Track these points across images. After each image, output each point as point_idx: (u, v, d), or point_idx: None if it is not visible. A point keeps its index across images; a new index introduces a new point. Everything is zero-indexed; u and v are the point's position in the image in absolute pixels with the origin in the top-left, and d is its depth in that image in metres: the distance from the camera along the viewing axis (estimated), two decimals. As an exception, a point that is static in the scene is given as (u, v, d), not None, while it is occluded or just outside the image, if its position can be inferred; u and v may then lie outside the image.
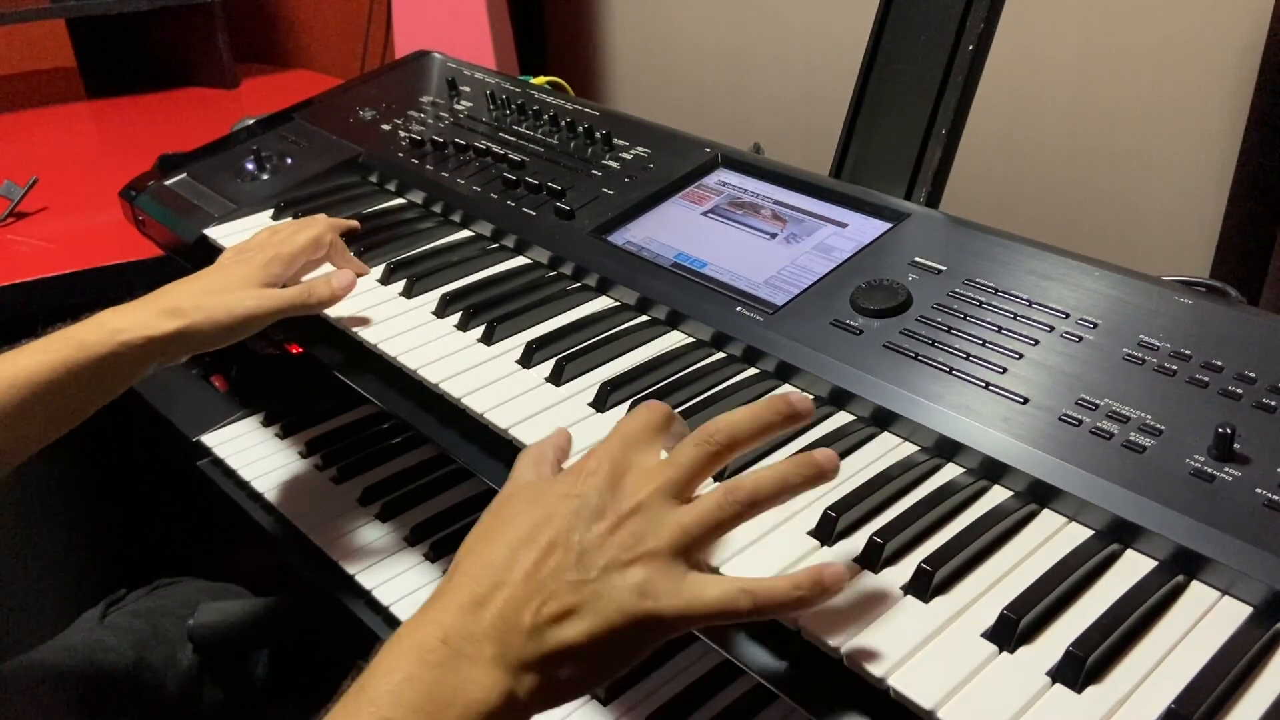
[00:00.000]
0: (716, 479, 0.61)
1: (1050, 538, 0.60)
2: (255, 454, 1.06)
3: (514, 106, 1.14)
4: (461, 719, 0.48)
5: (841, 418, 0.71)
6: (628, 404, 0.72)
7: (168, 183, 1.16)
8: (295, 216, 1.03)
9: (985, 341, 0.71)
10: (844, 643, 0.53)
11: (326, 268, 0.92)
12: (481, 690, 0.48)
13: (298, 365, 1.13)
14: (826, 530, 0.60)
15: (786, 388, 0.74)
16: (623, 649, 0.51)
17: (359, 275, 0.91)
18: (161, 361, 0.79)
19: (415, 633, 0.50)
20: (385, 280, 0.91)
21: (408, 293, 0.89)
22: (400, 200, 1.07)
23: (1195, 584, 0.56)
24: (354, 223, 0.97)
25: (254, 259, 0.84)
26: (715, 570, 0.57)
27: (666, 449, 0.56)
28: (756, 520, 0.61)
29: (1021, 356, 0.69)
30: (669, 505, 0.52)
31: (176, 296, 0.79)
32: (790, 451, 0.67)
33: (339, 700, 0.49)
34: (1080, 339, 0.70)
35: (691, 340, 0.81)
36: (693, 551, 0.52)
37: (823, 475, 0.54)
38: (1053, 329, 0.71)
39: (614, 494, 0.53)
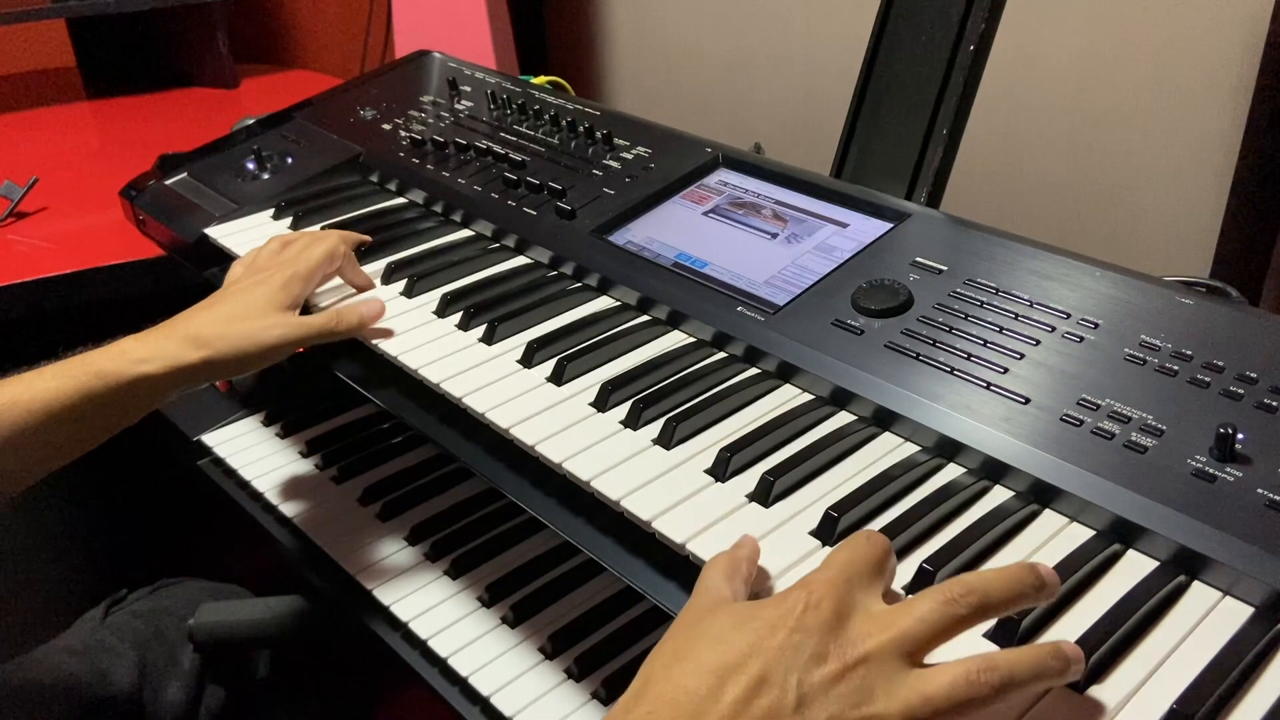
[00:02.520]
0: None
1: (1051, 538, 0.60)
2: (255, 454, 1.06)
3: (514, 106, 1.14)
4: None
5: (842, 417, 0.71)
6: (628, 403, 0.71)
7: (168, 182, 1.16)
8: (296, 216, 1.03)
9: (986, 341, 0.71)
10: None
11: (336, 281, 0.91)
12: None
13: (298, 365, 1.13)
14: (828, 530, 0.60)
15: (789, 389, 0.74)
16: None
17: (366, 289, 0.90)
18: (183, 389, 0.78)
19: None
20: (386, 280, 0.91)
21: (408, 292, 0.89)
22: (401, 200, 1.07)
23: (1197, 584, 0.56)
24: (365, 237, 0.96)
25: (272, 280, 0.82)
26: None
27: (884, 590, 0.51)
28: (760, 520, 0.61)
29: (1023, 356, 0.69)
30: (903, 665, 0.46)
31: (199, 325, 0.78)
32: (787, 453, 0.67)
33: None
34: (1081, 339, 0.70)
35: (692, 340, 0.81)
36: None
37: (1070, 669, 0.47)
38: (1054, 329, 0.71)
39: (838, 636, 0.46)
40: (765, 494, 0.63)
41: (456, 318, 0.84)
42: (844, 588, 0.48)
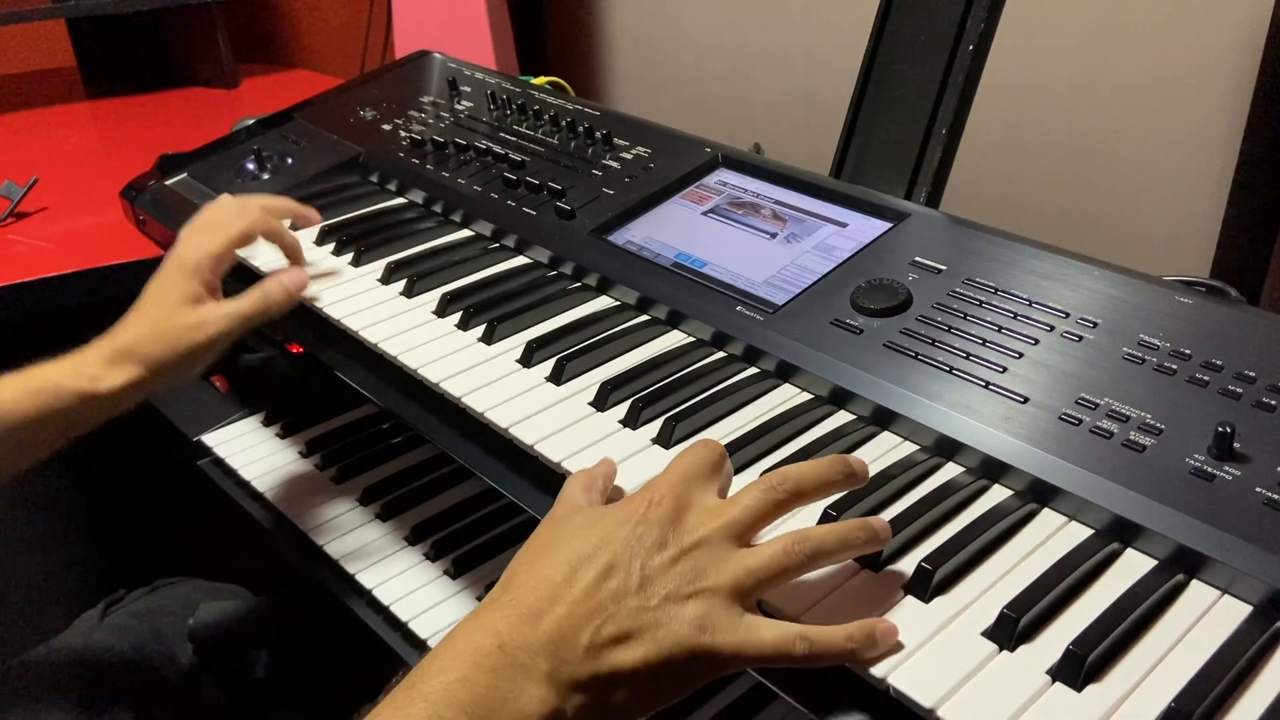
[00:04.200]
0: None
1: (1050, 537, 0.60)
2: (255, 454, 1.06)
3: (514, 106, 1.15)
4: None
5: (841, 417, 0.71)
6: (628, 403, 0.72)
7: (168, 183, 1.16)
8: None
9: (985, 341, 0.71)
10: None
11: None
12: (532, 704, 0.48)
13: (298, 365, 1.13)
14: (827, 529, 0.60)
15: (789, 388, 0.74)
16: (674, 680, 0.51)
17: (307, 226, 0.93)
18: (141, 398, 0.80)
19: (471, 637, 0.50)
20: (386, 280, 0.92)
21: (408, 292, 0.89)
22: (400, 200, 1.07)
23: (1195, 583, 0.56)
24: (309, 211, 0.96)
25: (185, 265, 0.82)
26: (772, 615, 0.55)
27: (719, 488, 0.57)
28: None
29: (1021, 356, 0.69)
30: (731, 545, 0.53)
31: (135, 339, 0.79)
32: (786, 452, 0.67)
33: (387, 695, 0.49)
34: (1080, 338, 0.70)
35: (692, 340, 0.81)
36: (752, 594, 0.52)
37: (877, 539, 0.55)
38: (1053, 328, 0.71)
39: (676, 527, 0.53)
40: (764, 493, 0.63)
41: (456, 317, 0.85)
42: (681, 487, 0.55)
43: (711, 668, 0.51)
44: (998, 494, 0.63)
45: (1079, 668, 0.50)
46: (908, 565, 0.57)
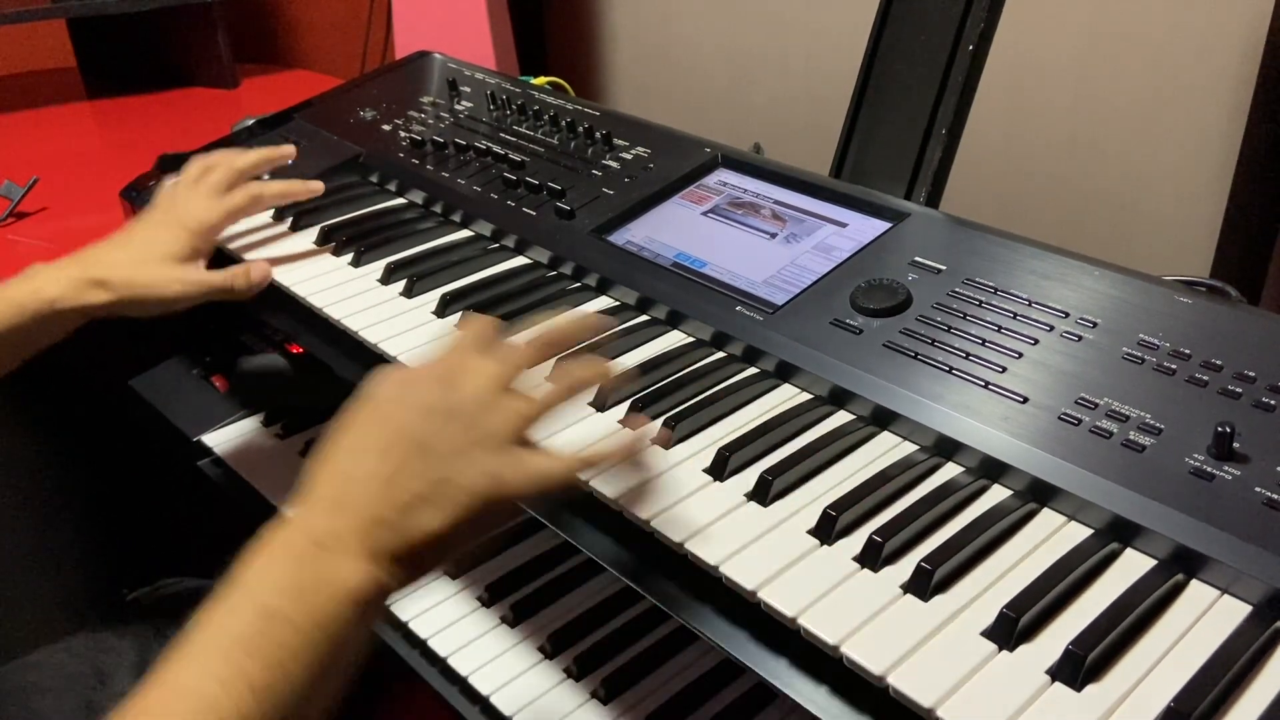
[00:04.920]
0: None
1: (1050, 536, 0.60)
2: (255, 454, 1.06)
3: (514, 107, 1.15)
4: (333, 600, 0.52)
5: (841, 417, 0.71)
6: (627, 403, 0.72)
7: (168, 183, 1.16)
8: (296, 217, 1.02)
9: (985, 341, 0.71)
10: (843, 640, 0.53)
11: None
12: (352, 578, 0.52)
13: (298, 365, 1.13)
14: (826, 529, 0.60)
15: (788, 388, 0.74)
16: (478, 525, 0.56)
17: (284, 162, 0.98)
18: (97, 317, 0.85)
19: (283, 535, 0.54)
20: (385, 280, 0.92)
21: (408, 292, 0.89)
22: (400, 200, 1.07)
23: (1194, 583, 0.56)
24: (278, 151, 1.00)
25: (172, 224, 0.87)
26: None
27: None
28: (758, 519, 0.61)
29: (1021, 356, 0.69)
30: (499, 394, 0.58)
31: (108, 267, 0.83)
32: (786, 452, 0.67)
33: (214, 600, 0.52)
34: (1080, 338, 0.70)
35: (691, 340, 0.81)
36: (525, 430, 0.58)
37: (604, 371, 0.65)
38: (1052, 328, 0.71)
39: (448, 390, 0.57)
40: (764, 493, 0.63)
41: (456, 318, 0.84)
42: (451, 355, 0.60)
43: (508, 507, 0.57)
44: (997, 494, 0.63)
45: (1078, 667, 0.50)
46: (907, 565, 0.57)
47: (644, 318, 0.84)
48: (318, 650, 0.50)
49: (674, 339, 0.81)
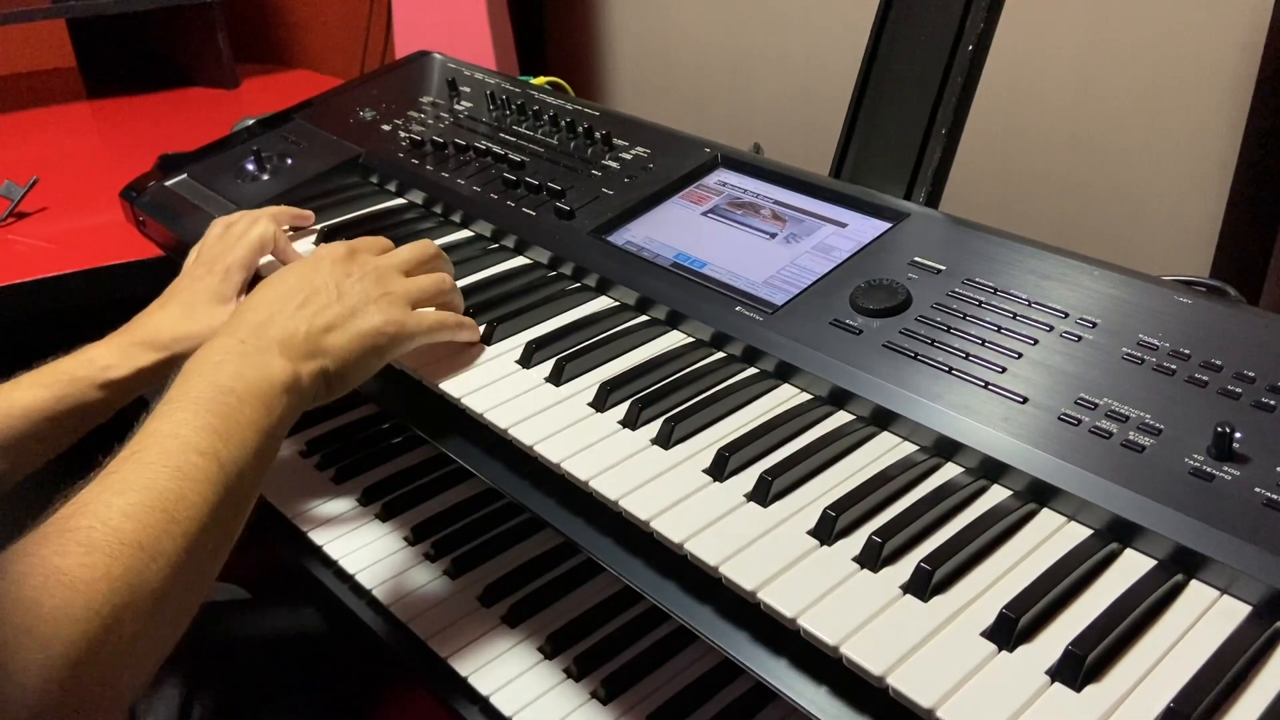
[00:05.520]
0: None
1: (1049, 537, 0.60)
2: (255, 454, 1.06)
3: (514, 107, 1.15)
4: (267, 382, 0.66)
5: (841, 417, 0.71)
6: (627, 403, 0.72)
7: (168, 183, 1.16)
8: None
9: (985, 341, 0.71)
10: (843, 641, 0.53)
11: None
12: (276, 371, 0.66)
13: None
14: (826, 530, 0.60)
15: (788, 388, 0.74)
16: (372, 354, 0.73)
17: (305, 228, 1.01)
18: (149, 388, 0.85)
19: (219, 343, 0.68)
20: (385, 280, 0.91)
21: (408, 293, 0.89)
22: (400, 200, 1.07)
23: (1194, 583, 0.56)
24: (305, 212, 1.01)
25: (214, 271, 0.89)
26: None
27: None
28: (757, 519, 0.61)
29: (1021, 356, 0.69)
30: (400, 274, 0.77)
31: (156, 328, 0.85)
32: (786, 452, 0.67)
33: (169, 388, 0.64)
34: (1080, 338, 0.70)
35: (691, 340, 0.81)
36: (416, 301, 0.76)
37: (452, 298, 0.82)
38: (1052, 328, 0.71)
39: (359, 263, 0.76)
40: (763, 493, 0.63)
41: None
42: (354, 245, 0.78)
43: (396, 343, 0.74)
44: (997, 494, 0.63)
45: (1078, 668, 0.50)
46: (907, 565, 0.57)
47: (644, 318, 0.84)
48: (261, 420, 0.64)
49: (674, 339, 0.81)
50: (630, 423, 0.70)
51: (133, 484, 0.56)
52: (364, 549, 0.93)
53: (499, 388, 0.76)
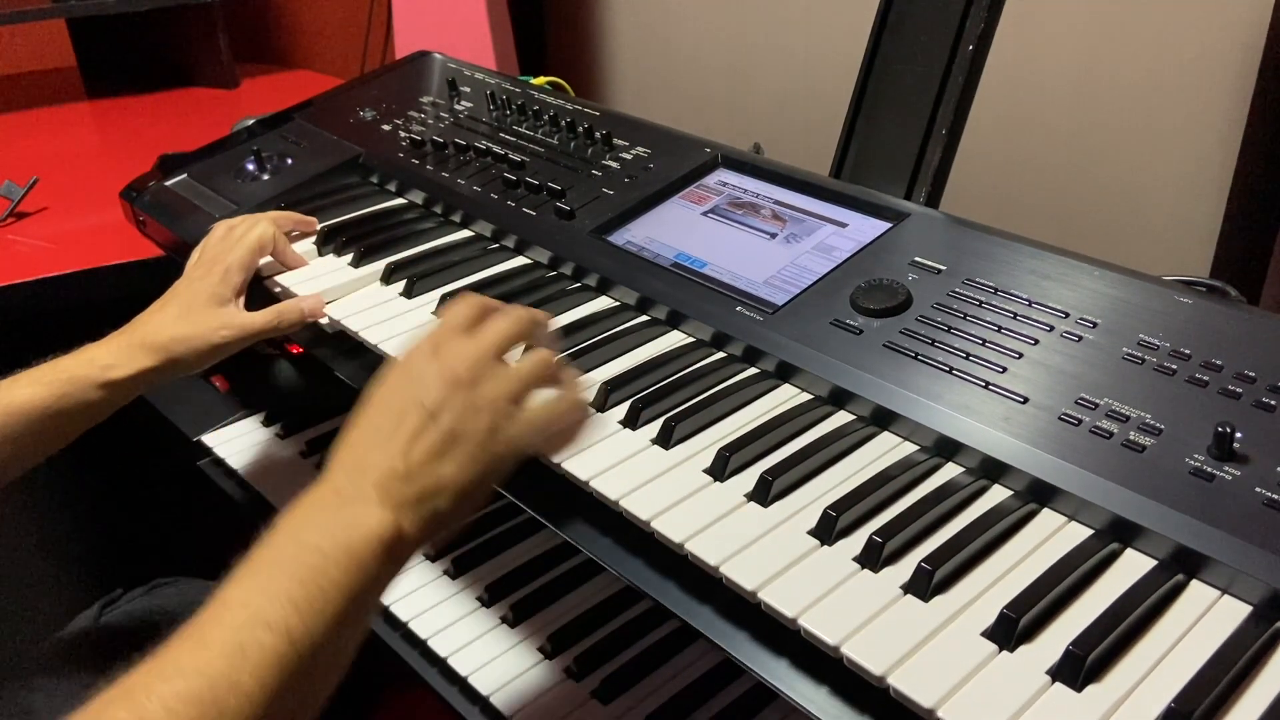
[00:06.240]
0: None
1: (1050, 537, 0.60)
2: (255, 454, 1.06)
3: (514, 107, 1.15)
4: (361, 540, 0.57)
5: (841, 417, 0.71)
6: (627, 403, 0.72)
7: (168, 183, 1.16)
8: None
9: (985, 341, 0.71)
10: (843, 641, 0.53)
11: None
12: (376, 522, 0.57)
13: (298, 365, 1.13)
14: (826, 529, 0.60)
15: (788, 388, 0.74)
16: (485, 477, 0.62)
17: (298, 267, 0.95)
18: (148, 389, 0.85)
19: (313, 494, 0.59)
20: (386, 280, 0.92)
21: (408, 293, 0.89)
22: (400, 200, 1.07)
23: (1195, 583, 0.56)
24: (308, 218, 1.00)
25: (213, 272, 0.88)
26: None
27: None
28: (758, 519, 0.62)
29: (1021, 356, 0.69)
30: (495, 362, 0.64)
31: (155, 329, 0.84)
32: (786, 452, 0.67)
33: (255, 547, 0.57)
34: (1080, 338, 0.70)
35: (691, 340, 0.81)
36: (522, 394, 0.64)
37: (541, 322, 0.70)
38: (1052, 329, 0.71)
39: (444, 360, 0.63)
40: (764, 493, 0.63)
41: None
42: (438, 333, 0.65)
43: (509, 457, 0.63)
44: (997, 494, 0.63)
45: (1079, 668, 0.50)
46: (908, 565, 0.57)
47: (644, 318, 0.84)
48: (350, 583, 0.55)
49: (674, 339, 0.81)
50: (630, 422, 0.70)
51: (184, 667, 0.51)
52: (364, 549, 0.93)
53: (499, 388, 0.76)
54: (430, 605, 0.87)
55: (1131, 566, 0.57)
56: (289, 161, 1.15)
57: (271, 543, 0.57)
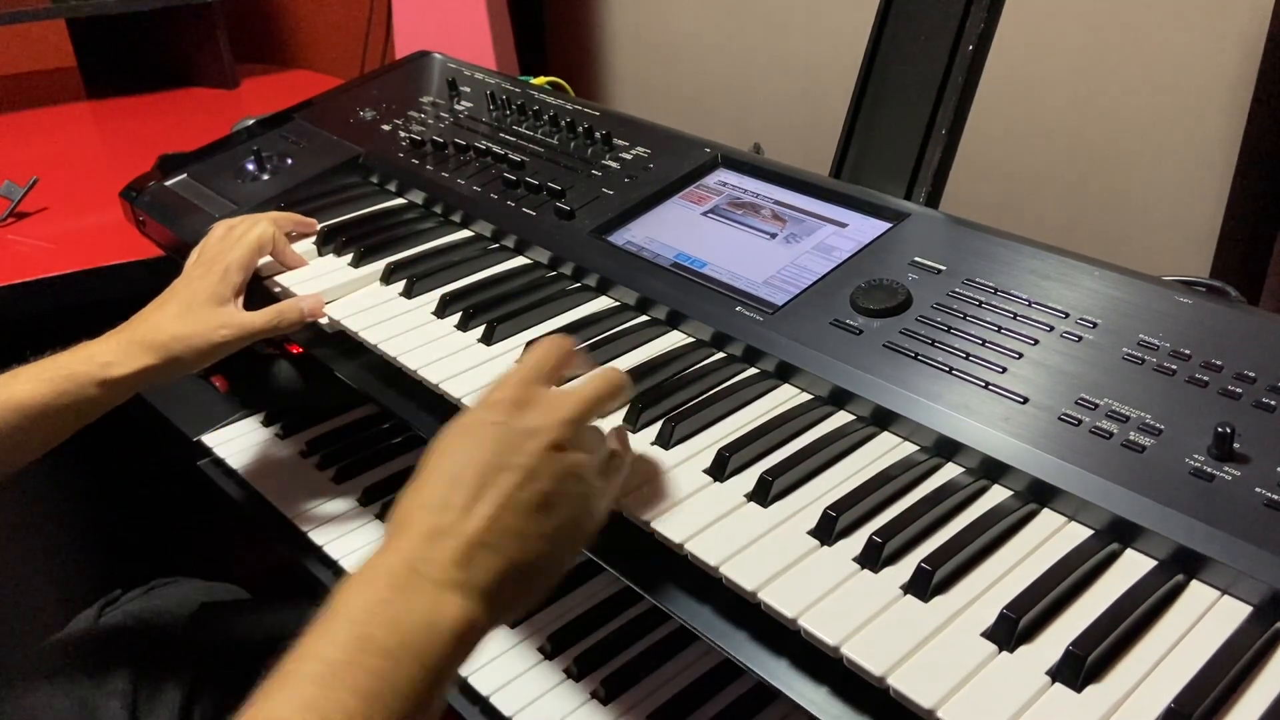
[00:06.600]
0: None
1: (1050, 537, 0.60)
2: (255, 454, 1.06)
3: (514, 107, 1.15)
4: (430, 633, 0.51)
5: (841, 417, 0.71)
6: (627, 404, 0.71)
7: (168, 183, 1.16)
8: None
9: (985, 341, 0.71)
10: (843, 641, 0.53)
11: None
12: (449, 610, 0.52)
13: (298, 365, 1.13)
14: (826, 530, 0.60)
15: (788, 388, 0.74)
16: (574, 545, 0.58)
17: (298, 267, 0.95)
18: (147, 387, 0.85)
19: (383, 562, 0.53)
20: (386, 280, 0.92)
21: (408, 293, 0.89)
22: (400, 200, 1.07)
23: (1195, 583, 0.56)
24: (308, 220, 1.00)
25: (213, 271, 0.87)
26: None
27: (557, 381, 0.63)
28: (758, 519, 0.61)
29: (1021, 356, 0.69)
30: (592, 430, 0.60)
31: (155, 328, 0.84)
32: (786, 452, 0.67)
33: (311, 628, 0.51)
34: (1080, 338, 0.70)
35: (691, 340, 0.81)
36: (619, 469, 0.61)
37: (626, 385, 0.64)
38: (1052, 329, 0.71)
39: (537, 411, 0.58)
40: (764, 493, 0.63)
41: (456, 318, 0.84)
42: (527, 372, 0.60)
43: (595, 528, 0.58)
44: (997, 494, 0.63)
45: (1079, 668, 0.50)
46: (908, 565, 0.57)
47: (644, 318, 0.84)
48: (414, 683, 0.49)
49: (674, 339, 0.81)
50: (630, 423, 0.70)
51: None
52: (364, 549, 0.93)
53: (499, 388, 0.76)
54: (430, 605, 0.87)
55: (1131, 567, 0.57)
56: (289, 161, 1.15)
57: (329, 630, 0.50)
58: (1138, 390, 0.65)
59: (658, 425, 0.70)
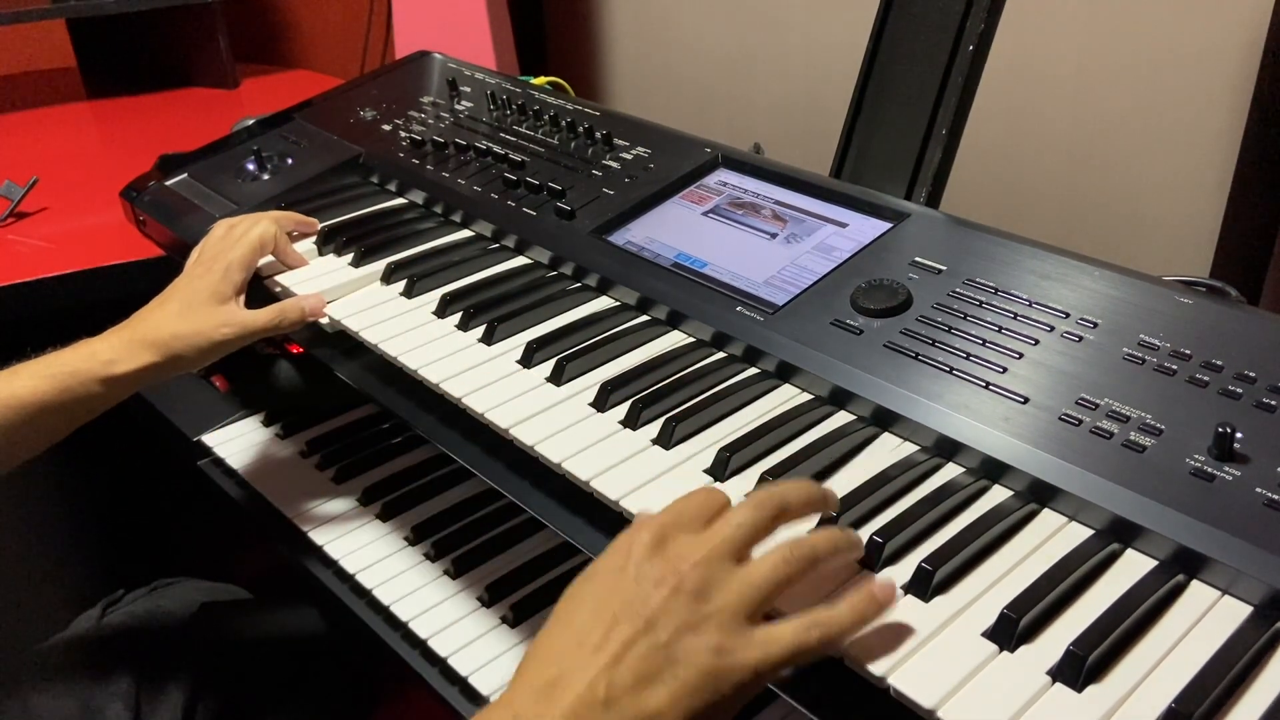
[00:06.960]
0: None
1: (1050, 537, 0.60)
2: (255, 454, 1.06)
3: (514, 107, 1.15)
4: None
5: (841, 417, 0.71)
6: (628, 404, 0.72)
7: (168, 183, 1.16)
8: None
9: (985, 341, 0.71)
10: (844, 642, 0.53)
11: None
12: None
13: (298, 365, 1.13)
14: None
15: (789, 388, 0.74)
16: (707, 711, 0.49)
17: (299, 267, 0.95)
18: (148, 385, 0.85)
19: (493, 715, 0.50)
20: (386, 280, 0.92)
21: (408, 293, 0.89)
22: (401, 200, 1.07)
23: (1195, 583, 0.56)
24: (309, 219, 1.00)
25: (214, 270, 0.87)
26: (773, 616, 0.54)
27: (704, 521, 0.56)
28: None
29: (1021, 356, 0.69)
30: (730, 564, 0.52)
31: (156, 326, 0.84)
32: (786, 452, 0.67)
33: None
34: (1080, 339, 0.70)
35: (692, 340, 0.81)
36: (761, 608, 0.51)
37: (859, 547, 0.57)
38: (1053, 329, 0.71)
39: (668, 556, 0.52)
40: (764, 493, 0.63)
41: (456, 318, 0.85)
42: (665, 516, 0.54)
43: (740, 689, 0.50)
44: (998, 494, 0.63)
45: (1079, 668, 0.50)
46: (908, 565, 0.57)
47: (644, 318, 0.84)
48: None
49: (674, 339, 0.81)
50: (631, 422, 0.71)
51: None
52: (364, 549, 0.93)
53: (499, 388, 0.76)
54: (430, 605, 0.87)
55: (1132, 567, 0.57)
56: (289, 161, 1.15)
57: None
58: (1138, 390, 0.65)
59: (658, 424, 0.70)
